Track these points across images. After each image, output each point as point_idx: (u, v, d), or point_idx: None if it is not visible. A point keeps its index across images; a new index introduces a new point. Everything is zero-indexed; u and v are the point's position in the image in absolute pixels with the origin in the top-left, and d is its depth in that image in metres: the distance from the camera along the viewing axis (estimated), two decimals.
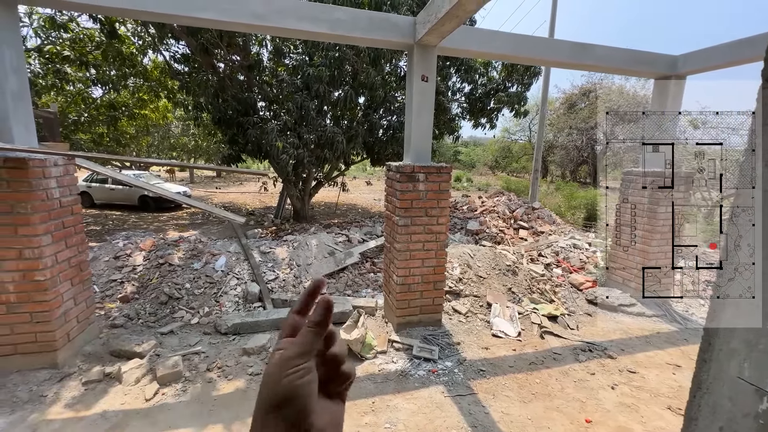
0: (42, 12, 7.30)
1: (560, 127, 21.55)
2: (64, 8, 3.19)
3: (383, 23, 3.19)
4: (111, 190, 12.31)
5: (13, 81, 2.57)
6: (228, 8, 2.86)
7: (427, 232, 3.48)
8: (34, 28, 7.21)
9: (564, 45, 3.87)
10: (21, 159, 2.48)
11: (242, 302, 4.28)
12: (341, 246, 5.74)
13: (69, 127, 8.10)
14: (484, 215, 8.18)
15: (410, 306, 3.60)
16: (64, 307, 2.86)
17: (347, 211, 12.77)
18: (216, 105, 7.56)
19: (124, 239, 5.40)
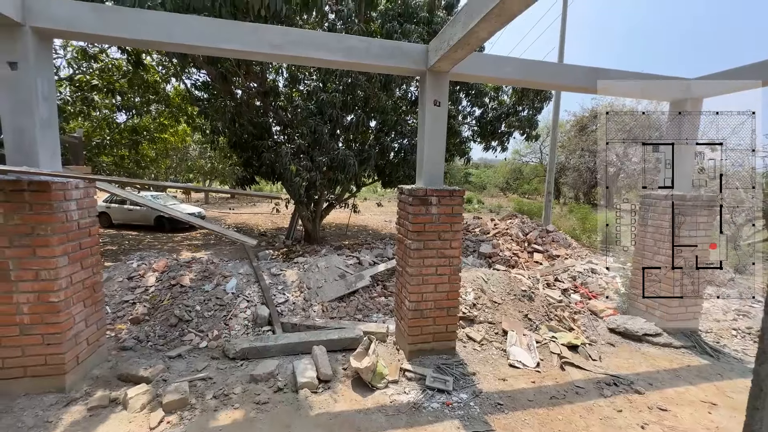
0: (75, 44, 7.80)
1: (572, 149, 21.47)
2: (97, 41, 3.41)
3: (396, 51, 3.27)
4: (129, 210, 12.65)
5: (43, 109, 2.70)
6: (248, 39, 2.98)
7: (440, 256, 3.41)
8: (68, 60, 7.69)
9: (576, 69, 3.88)
10: (45, 182, 2.56)
11: (251, 325, 4.21)
12: (352, 268, 5.68)
13: (93, 150, 8.45)
14: (497, 238, 8.04)
15: (423, 333, 3.48)
16: (75, 329, 2.85)
17: (358, 233, 12.76)
18: (232, 129, 7.81)
19: (138, 260, 5.46)
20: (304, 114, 7.37)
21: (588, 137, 20.46)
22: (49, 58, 2.80)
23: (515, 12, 2.12)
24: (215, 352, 3.62)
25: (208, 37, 2.91)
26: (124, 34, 2.80)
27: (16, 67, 2.56)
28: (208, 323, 4.12)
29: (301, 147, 7.47)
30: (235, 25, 3.00)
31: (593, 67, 3.88)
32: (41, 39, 2.69)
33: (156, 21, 2.84)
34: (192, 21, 2.90)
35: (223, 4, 4.63)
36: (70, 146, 4.14)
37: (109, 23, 2.75)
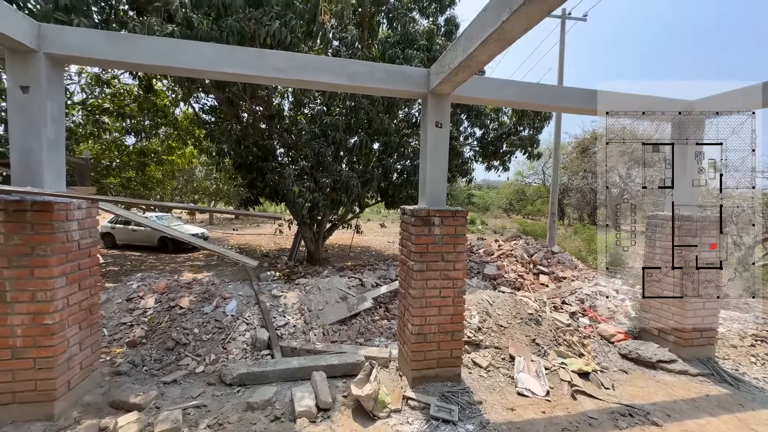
0: (90, 70, 8.10)
1: (574, 170, 21.55)
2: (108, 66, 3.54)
3: (398, 75, 3.33)
4: (133, 231, 12.71)
5: (51, 130, 2.74)
6: (253, 64, 3.06)
7: (444, 278, 3.33)
8: (81, 85, 7.97)
9: (575, 92, 3.93)
10: (47, 202, 2.57)
11: (250, 349, 4.10)
12: (354, 290, 5.58)
13: (101, 171, 8.60)
14: (502, 259, 7.92)
15: (426, 358, 3.35)
16: (69, 352, 2.78)
17: (361, 254, 12.67)
18: (238, 151, 7.94)
19: (138, 281, 5.41)
20: (308, 136, 7.50)
21: (590, 159, 20.56)
22: (60, 82, 2.88)
23: (514, 36, 2.15)
24: (212, 378, 3.50)
25: (215, 62, 2.99)
26: (135, 60, 2.88)
27: (28, 90, 2.62)
28: (206, 347, 4.01)
29: (304, 168, 7.55)
30: (240, 50, 3.09)
31: (592, 89, 3.93)
32: (54, 64, 2.78)
33: (165, 47, 2.93)
34: (200, 47, 2.99)
35: (230, 34, 4.82)
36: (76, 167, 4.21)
37: (121, 49, 2.84)
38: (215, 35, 4.79)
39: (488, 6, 2.14)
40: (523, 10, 1.84)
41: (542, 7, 1.80)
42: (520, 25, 1.99)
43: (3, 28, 2.33)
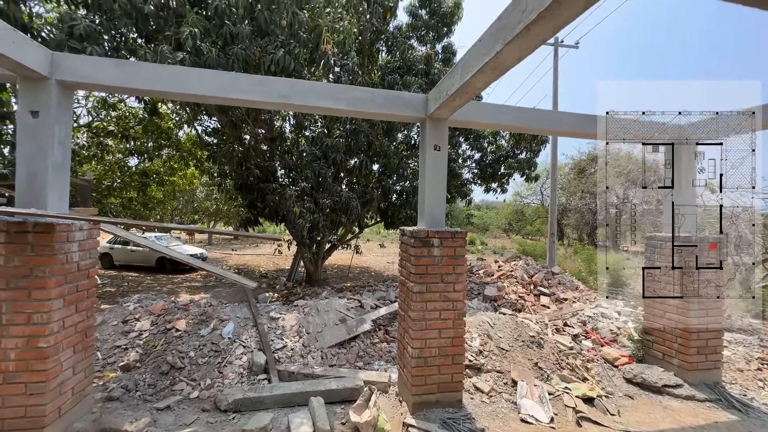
0: (97, 95, 8.33)
1: (572, 191, 21.75)
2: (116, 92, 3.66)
3: (398, 100, 3.44)
4: (131, 251, 12.66)
5: (57, 153, 2.80)
6: (258, 90, 3.17)
7: (444, 300, 3.31)
8: (89, 108, 8.17)
9: (570, 116, 4.04)
10: (49, 224, 2.59)
11: (247, 374, 4.00)
12: (353, 312, 5.51)
13: (102, 192, 8.67)
14: (502, 280, 7.87)
15: (427, 383, 3.27)
16: (61, 377, 2.72)
17: (360, 274, 12.57)
18: (239, 172, 8.04)
19: (135, 302, 5.35)
20: (309, 158, 7.62)
21: (587, 179, 20.80)
22: (69, 107, 2.97)
23: (509, 66, 2.25)
24: (206, 404, 3.40)
25: (221, 89, 3.10)
26: (142, 86, 2.98)
27: (38, 115, 2.70)
28: (202, 371, 3.92)
29: (305, 189, 7.62)
30: (245, 77, 3.21)
31: (587, 114, 4.05)
32: (64, 90, 2.87)
33: (173, 74, 3.04)
34: (206, 74, 3.10)
35: (236, 61, 4.99)
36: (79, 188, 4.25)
37: (130, 77, 2.95)
38: (222, 62, 4.97)
39: (483, 37, 2.25)
40: (516, 42, 1.93)
41: (534, 40, 1.90)
42: (513, 55, 2.09)
43: (19, 58, 2.43)
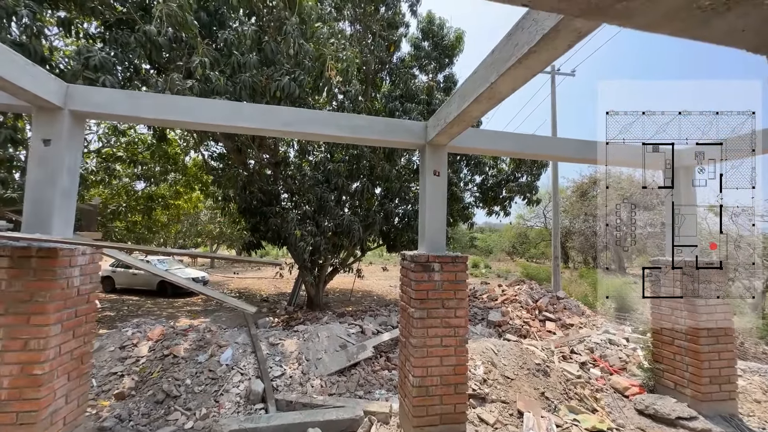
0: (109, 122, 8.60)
1: (575, 213, 21.71)
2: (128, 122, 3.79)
3: (398, 127, 3.54)
4: (133, 275, 12.64)
5: (66, 180, 2.87)
6: (263, 118, 3.27)
7: (445, 326, 3.25)
8: (99, 135, 8.42)
9: (568, 142, 4.11)
10: (53, 249, 2.61)
11: (244, 402, 3.89)
12: (354, 338, 5.40)
13: (108, 216, 8.78)
14: (506, 305, 7.73)
15: (429, 414, 3.16)
16: (54, 405, 2.65)
17: (362, 298, 12.41)
18: (243, 196, 8.15)
19: (133, 327, 5.29)
20: (312, 182, 7.73)
21: (590, 202, 20.80)
22: (80, 136, 3.07)
23: (504, 95, 2.33)
24: None
25: (228, 117, 3.20)
26: (153, 116, 3.10)
27: (50, 143, 2.79)
28: (198, 399, 3.82)
29: (307, 213, 7.68)
30: (251, 106, 3.32)
31: (585, 140, 4.12)
32: (76, 119, 2.98)
33: (182, 104, 3.16)
34: (214, 104, 3.22)
35: (243, 88, 5.20)
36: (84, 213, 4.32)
37: (141, 107, 3.06)
38: (229, 89, 5.17)
39: (478, 69, 2.34)
40: (509, 74, 2.01)
41: (526, 72, 1.97)
42: (507, 86, 2.16)
43: (36, 90, 2.54)
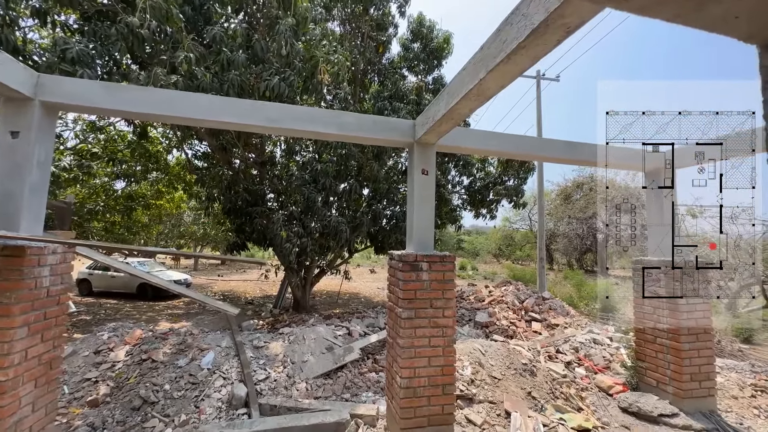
0: (86, 118, 8.29)
1: (559, 216, 22.14)
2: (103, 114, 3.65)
3: (386, 125, 3.50)
4: (111, 277, 12.19)
5: (36, 175, 2.72)
6: (247, 114, 3.19)
7: (433, 326, 3.21)
8: (76, 132, 8.10)
9: (554, 143, 4.16)
10: (20, 247, 2.46)
11: (226, 408, 3.76)
12: (341, 340, 5.32)
13: (84, 215, 8.44)
14: (493, 306, 7.77)
15: (416, 415, 3.11)
16: (19, 414, 2.49)
17: (349, 301, 12.30)
18: (228, 196, 7.97)
19: (110, 331, 5.08)
20: (299, 182, 7.62)
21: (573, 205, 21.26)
22: (52, 128, 2.92)
23: (492, 93, 2.32)
24: None
25: (211, 112, 3.10)
26: (131, 108, 2.97)
27: (18, 135, 2.64)
28: (177, 405, 3.67)
29: (293, 214, 7.56)
30: (236, 101, 3.23)
31: (569, 141, 4.17)
32: (48, 111, 2.84)
33: (162, 97, 3.05)
34: (196, 98, 3.12)
35: (231, 86, 5.07)
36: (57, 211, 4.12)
37: (117, 99, 2.94)
38: (216, 87, 5.04)
39: (467, 66, 2.32)
40: (498, 70, 2.00)
41: (514, 68, 1.96)
42: (496, 83, 2.15)
43: (3, 78, 2.40)
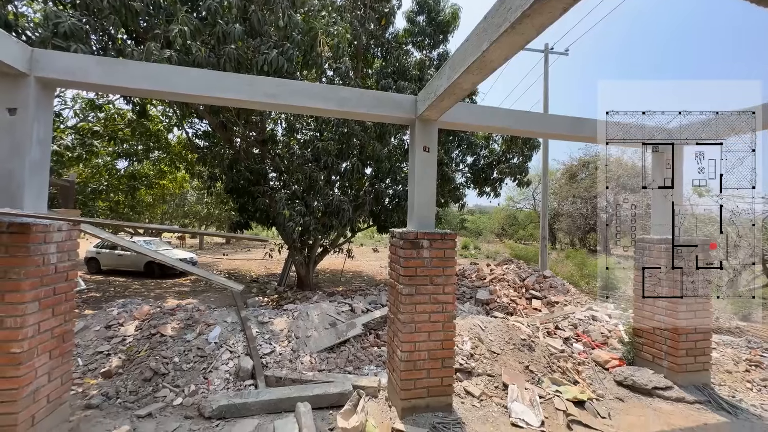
0: (85, 96, 8.19)
1: (563, 195, 21.97)
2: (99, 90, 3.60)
3: (387, 101, 3.43)
4: (119, 256, 12.41)
5: (36, 152, 2.72)
6: (245, 89, 3.13)
7: (433, 302, 3.27)
8: (75, 110, 8.02)
9: (559, 119, 4.07)
10: (25, 224, 2.50)
11: (233, 379, 3.91)
12: (344, 316, 5.44)
13: (88, 195, 8.50)
14: (494, 284, 7.86)
15: (416, 387, 3.22)
16: (36, 383, 2.61)
17: (352, 279, 12.49)
18: (230, 175, 7.95)
19: (119, 307, 5.21)
20: (300, 161, 7.57)
21: (578, 184, 21.04)
22: (49, 105, 2.89)
23: (495, 66, 2.25)
24: (190, 411, 3.30)
25: (208, 87, 3.05)
26: (128, 84, 2.92)
27: (15, 112, 2.62)
28: (186, 377, 3.82)
29: (296, 192, 7.55)
30: (233, 76, 3.16)
31: (575, 117, 4.08)
32: (44, 87, 2.80)
33: (159, 72, 2.99)
34: (191, 72, 3.06)
35: (228, 61, 4.95)
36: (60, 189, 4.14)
37: (113, 75, 2.88)
38: (212, 62, 4.92)
39: (470, 37, 2.24)
40: (502, 41, 1.93)
41: (519, 39, 1.89)
42: (499, 54, 2.08)
43: None
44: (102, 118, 8.45)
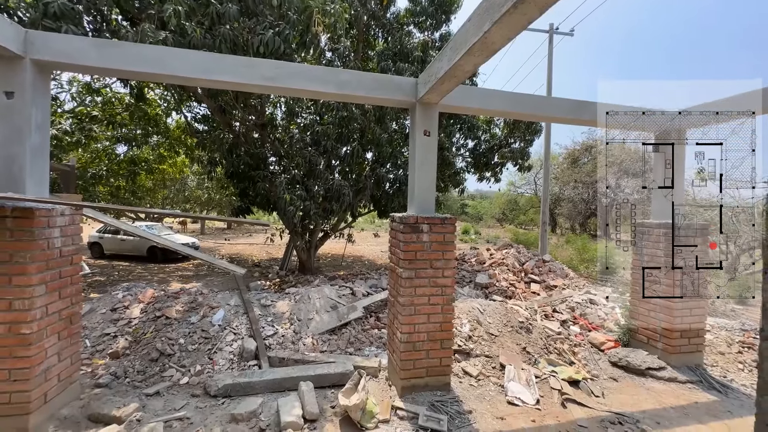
0: (81, 79, 8.07)
1: (565, 180, 21.85)
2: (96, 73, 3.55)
3: (387, 83, 3.38)
4: (122, 241, 12.51)
5: (35, 137, 2.72)
6: (242, 72, 3.08)
7: (433, 285, 3.32)
8: (72, 94, 7.92)
9: (561, 102, 4.02)
10: (28, 209, 2.52)
11: (237, 360, 4.01)
12: (345, 299, 5.52)
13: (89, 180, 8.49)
14: (494, 268, 7.94)
15: (416, 367, 3.31)
16: (46, 363, 2.69)
17: (353, 263, 12.61)
18: (230, 160, 7.92)
19: (124, 291, 5.30)
20: (300, 145, 7.52)
21: (580, 169, 20.90)
22: (46, 88, 2.87)
23: (496, 47, 2.21)
24: (196, 389, 3.41)
25: (204, 70, 3.01)
26: (123, 66, 2.88)
27: (12, 96, 2.60)
28: (191, 357, 3.92)
29: (296, 177, 7.54)
30: (230, 58, 3.11)
31: (578, 100, 4.02)
32: (40, 70, 2.77)
33: (155, 55, 2.94)
34: (188, 54, 3.01)
35: (223, 41, 4.85)
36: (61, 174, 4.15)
37: (109, 57, 2.84)
38: (208, 43, 4.83)
39: (471, 17, 2.20)
40: (504, 21, 1.89)
41: (521, 19, 1.85)
42: (501, 35, 2.05)
43: None
44: (100, 102, 8.35)
